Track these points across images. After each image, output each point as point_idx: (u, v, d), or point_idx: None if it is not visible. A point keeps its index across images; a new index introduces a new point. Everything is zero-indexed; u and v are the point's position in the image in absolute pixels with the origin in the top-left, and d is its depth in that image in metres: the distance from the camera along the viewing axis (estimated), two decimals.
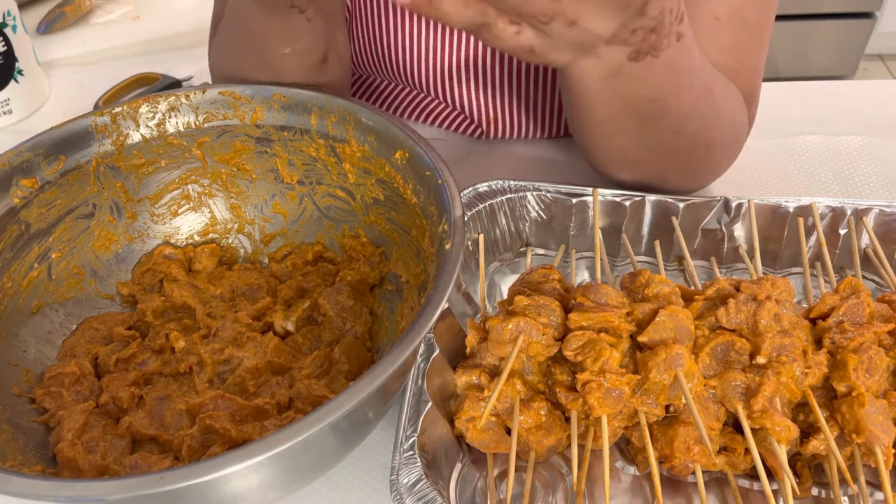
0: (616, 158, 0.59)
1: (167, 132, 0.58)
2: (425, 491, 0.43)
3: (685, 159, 0.58)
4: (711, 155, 0.59)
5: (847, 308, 0.50)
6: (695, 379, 0.47)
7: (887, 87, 0.84)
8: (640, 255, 0.62)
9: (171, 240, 0.61)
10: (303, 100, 0.57)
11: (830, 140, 0.74)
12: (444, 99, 0.73)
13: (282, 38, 0.55)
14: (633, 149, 0.56)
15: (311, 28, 0.55)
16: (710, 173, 0.62)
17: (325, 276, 0.59)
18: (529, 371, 0.49)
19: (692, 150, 0.57)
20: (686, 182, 0.61)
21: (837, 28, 2.24)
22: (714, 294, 0.51)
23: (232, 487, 0.39)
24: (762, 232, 0.59)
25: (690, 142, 0.56)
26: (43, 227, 0.55)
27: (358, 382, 0.37)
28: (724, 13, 0.57)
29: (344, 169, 0.58)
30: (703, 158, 0.59)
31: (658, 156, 0.57)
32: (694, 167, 0.60)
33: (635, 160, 0.58)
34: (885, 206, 0.58)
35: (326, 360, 0.53)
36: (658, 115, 0.52)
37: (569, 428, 0.48)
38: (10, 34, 0.80)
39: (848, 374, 0.46)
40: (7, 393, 0.50)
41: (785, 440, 0.45)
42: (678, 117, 0.53)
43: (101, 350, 0.54)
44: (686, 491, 0.48)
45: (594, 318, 0.48)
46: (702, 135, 0.56)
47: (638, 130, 0.54)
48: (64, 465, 0.47)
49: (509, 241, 0.62)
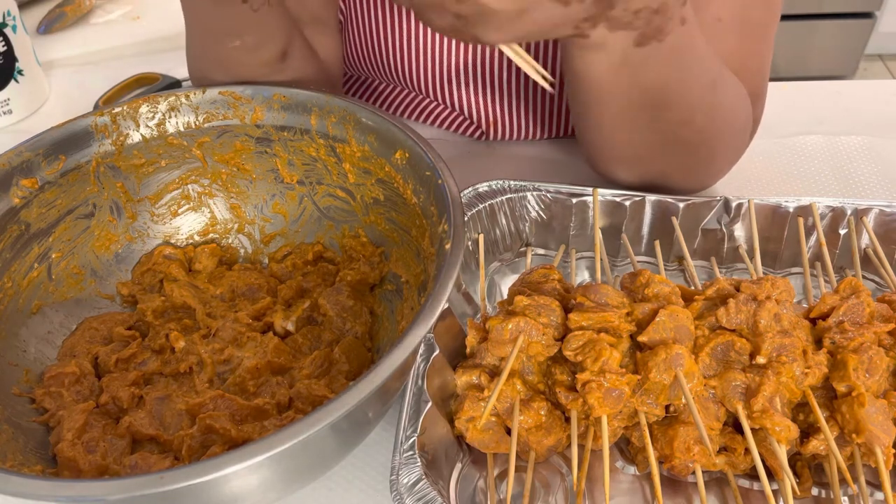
0: (622, 156, 0.58)
1: (167, 132, 0.58)
2: (425, 491, 0.43)
3: (689, 156, 0.58)
4: (715, 151, 0.59)
5: (847, 308, 0.50)
6: (695, 379, 0.47)
7: (887, 87, 0.84)
8: (640, 255, 0.62)
9: (171, 240, 0.61)
10: (303, 100, 0.57)
11: (830, 140, 0.74)
12: (445, 102, 0.73)
13: (227, 29, 0.54)
14: (640, 143, 0.56)
15: (258, 19, 0.53)
16: (711, 172, 0.62)
17: (325, 276, 0.59)
18: (529, 371, 0.49)
19: (697, 146, 0.57)
20: (687, 181, 0.61)
21: (837, 28, 2.24)
22: (714, 294, 0.51)
23: (232, 487, 0.39)
24: (762, 232, 0.59)
25: (697, 135, 0.55)
26: (43, 227, 0.55)
27: (358, 382, 0.37)
28: (727, 15, 0.57)
29: (344, 169, 0.58)
30: (706, 155, 0.59)
31: (664, 151, 0.57)
32: (696, 165, 0.59)
33: (641, 156, 0.58)
34: (885, 206, 0.58)
35: (326, 360, 0.53)
36: (666, 106, 0.52)
37: (569, 428, 0.48)
38: (10, 34, 0.80)
39: (848, 374, 0.46)
40: (7, 393, 0.50)
41: (785, 440, 0.45)
42: (686, 108, 0.53)
43: (101, 350, 0.54)
44: (686, 491, 0.48)
45: (594, 318, 0.48)
46: (709, 128, 0.55)
47: (647, 122, 0.54)
48: (64, 465, 0.47)
49: (509, 241, 0.62)
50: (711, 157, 0.60)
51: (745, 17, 0.58)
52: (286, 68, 0.58)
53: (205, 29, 0.56)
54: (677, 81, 0.51)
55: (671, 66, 0.49)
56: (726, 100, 0.56)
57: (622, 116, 0.53)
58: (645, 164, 0.59)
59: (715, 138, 0.57)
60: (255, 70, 0.57)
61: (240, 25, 0.54)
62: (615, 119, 0.54)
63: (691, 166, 0.60)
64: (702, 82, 0.53)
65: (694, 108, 0.53)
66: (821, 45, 2.27)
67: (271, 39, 0.56)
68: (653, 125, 0.54)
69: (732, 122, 0.58)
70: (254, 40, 0.55)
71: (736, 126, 0.59)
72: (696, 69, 0.52)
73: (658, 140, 0.56)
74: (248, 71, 0.57)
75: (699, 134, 0.55)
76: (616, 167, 0.60)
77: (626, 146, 0.57)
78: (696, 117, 0.54)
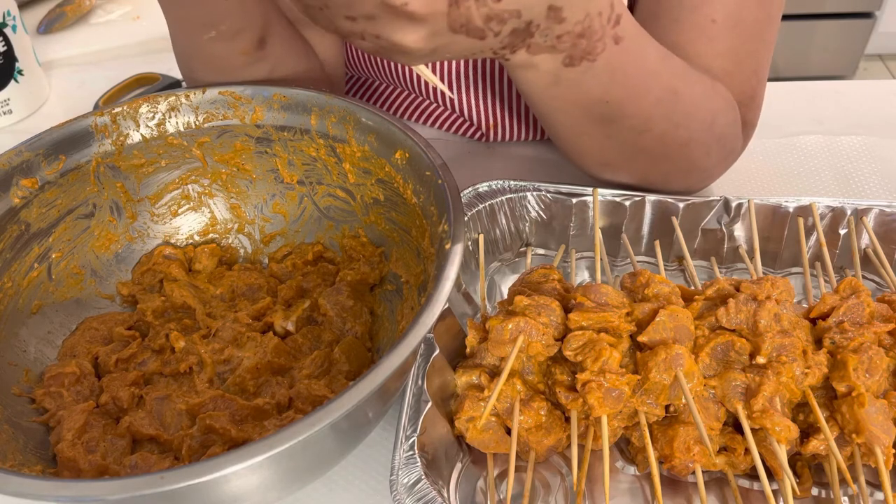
0: (590, 160, 0.59)
1: (167, 132, 0.58)
2: (425, 491, 0.43)
3: (662, 161, 0.58)
4: (690, 157, 0.58)
5: (847, 308, 0.50)
6: (695, 379, 0.47)
7: (887, 87, 0.84)
8: (640, 255, 0.62)
9: (171, 240, 0.61)
10: (303, 100, 0.57)
11: (830, 140, 0.74)
12: (445, 104, 0.73)
13: (203, 18, 0.54)
14: (601, 150, 0.57)
15: (232, 6, 0.53)
16: (697, 175, 0.61)
17: (325, 276, 0.59)
18: (529, 371, 0.49)
19: (666, 152, 0.57)
20: (672, 184, 0.60)
21: (837, 28, 2.24)
22: (714, 294, 0.51)
23: (232, 487, 0.39)
24: (762, 232, 0.59)
25: (660, 143, 0.55)
26: (43, 227, 0.55)
27: (358, 382, 0.37)
28: (721, 16, 0.57)
29: (344, 169, 0.58)
30: (681, 160, 0.58)
31: (631, 157, 0.57)
32: (674, 168, 0.59)
33: (607, 161, 0.58)
34: (885, 206, 0.58)
35: (326, 360, 0.53)
36: (615, 118, 0.52)
37: (569, 428, 0.48)
38: (10, 34, 0.80)
39: (848, 374, 0.46)
40: (7, 393, 0.50)
41: (785, 440, 0.45)
42: (639, 118, 0.53)
43: (101, 350, 0.54)
44: (686, 491, 0.48)
45: (594, 318, 0.48)
46: (672, 135, 0.55)
47: (600, 132, 0.54)
48: (64, 465, 0.47)
49: (509, 241, 0.62)
50: (688, 162, 0.59)
51: (739, 18, 0.57)
52: (267, 56, 0.58)
53: (182, 22, 0.56)
54: (622, 97, 0.51)
55: (611, 82, 0.50)
56: (690, 107, 0.55)
57: (574, 127, 0.54)
58: (617, 168, 0.59)
59: (686, 145, 0.57)
60: (234, 60, 0.57)
61: (215, 15, 0.54)
62: (570, 129, 0.55)
63: (670, 171, 0.59)
64: (654, 94, 0.52)
65: (648, 118, 0.53)
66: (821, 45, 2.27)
67: (248, 26, 0.55)
68: (609, 135, 0.54)
69: (708, 126, 0.57)
70: (229, 28, 0.54)
71: (715, 130, 0.58)
72: (643, 82, 0.52)
73: (620, 147, 0.56)
74: (228, 62, 0.57)
75: (661, 141, 0.55)
76: (593, 170, 0.60)
77: (589, 151, 0.58)
78: (654, 126, 0.54)
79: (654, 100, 0.53)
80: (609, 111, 0.52)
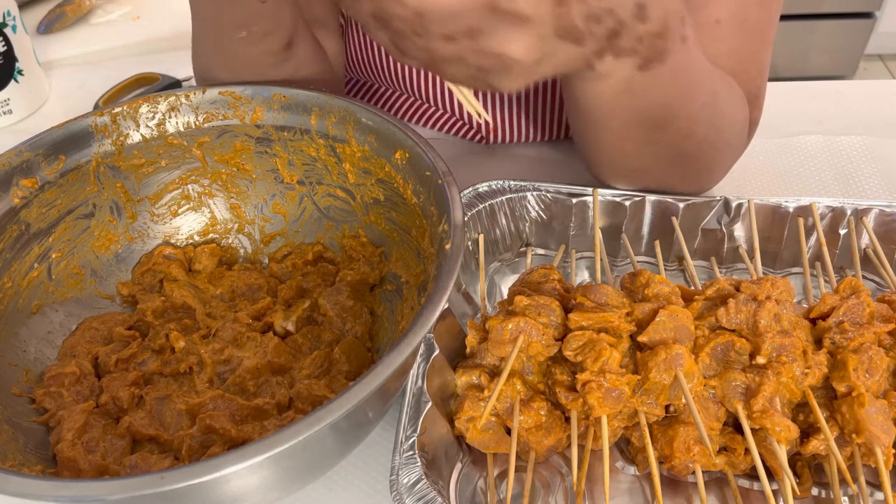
0: (624, 168, 0.58)
1: (167, 132, 0.58)
2: (425, 491, 0.43)
3: (691, 164, 0.58)
4: (717, 158, 0.59)
5: (847, 308, 0.50)
6: (695, 379, 0.47)
7: (887, 87, 0.84)
8: (640, 255, 0.62)
9: (171, 240, 0.61)
10: (303, 100, 0.57)
11: (830, 140, 0.74)
12: (445, 106, 0.73)
13: (235, 21, 0.54)
14: (642, 157, 0.56)
15: (266, 10, 0.53)
16: (711, 177, 0.62)
17: (325, 276, 0.59)
18: (529, 371, 0.49)
19: (699, 155, 0.57)
20: (688, 187, 0.61)
21: (837, 28, 2.24)
22: (714, 294, 0.51)
23: (232, 487, 0.39)
24: (762, 232, 0.59)
25: (699, 146, 0.55)
26: (43, 227, 0.55)
27: (358, 382, 0.37)
28: (725, 16, 0.57)
29: (344, 169, 0.58)
30: (708, 162, 0.59)
31: (666, 161, 0.57)
32: (697, 172, 0.59)
33: (642, 167, 0.58)
34: (885, 206, 0.58)
35: (326, 360, 0.53)
36: (668, 121, 0.52)
37: (569, 428, 0.48)
38: (10, 34, 0.79)
39: (848, 374, 0.46)
40: (7, 393, 0.50)
41: (785, 440, 0.45)
42: (688, 120, 0.53)
43: (101, 350, 0.54)
44: (686, 491, 0.48)
45: (594, 318, 0.48)
46: (712, 137, 0.56)
47: (648, 138, 0.54)
48: (64, 465, 0.47)
49: (509, 241, 0.62)
50: (712, 164, 0.60)
51: (743, 18, 0.58)
52: (291, 57, 0.58)
53: (212, 21, 0.56)
54: (678, 99, 0.51)
55: (673, 85, 0.49)
56: (727, 108, 0.56)
57: (623, 135, 0.53)
58: (647, 175, 0.59)
59: (716, 147, 0.57)
60: (260, 60, 0.57)
61: (248, 17, 0.54)
62: (615, 137, 0.54)
63: (692, 174, 0.59)
64: (702, 96, 0.53)
65: (695, 121, 0.53)
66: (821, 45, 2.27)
67: (278, 28, 0.56)
68: (654, 140, 0.54)
69: (732, 127, 0.58)
70: (261, 30, 0.55)
71: (735, 130, 0.59)
72: (697, 84, 0.52)
73: (659, 153, 0.56)
74: (254, 62, 0.57)
75: (701, 145, 0.56)
76: (617, 179, 0.60)
77: (627, 160, 0.57)
78: (698, 129, 0.54)
79: (701, 102, 0.53)
80: (662, 116, 0.51)
